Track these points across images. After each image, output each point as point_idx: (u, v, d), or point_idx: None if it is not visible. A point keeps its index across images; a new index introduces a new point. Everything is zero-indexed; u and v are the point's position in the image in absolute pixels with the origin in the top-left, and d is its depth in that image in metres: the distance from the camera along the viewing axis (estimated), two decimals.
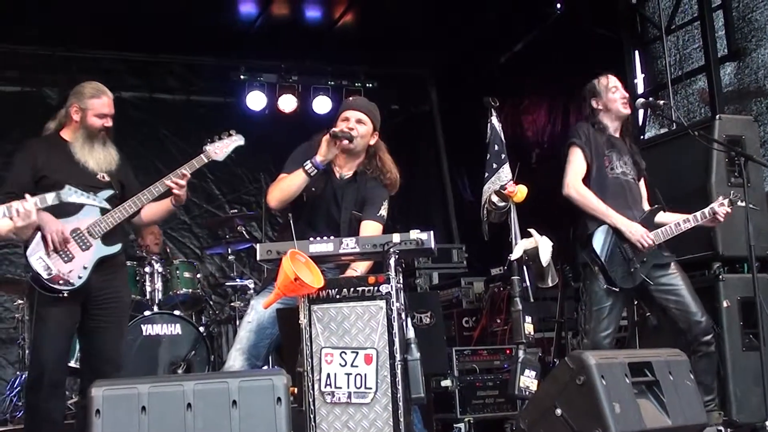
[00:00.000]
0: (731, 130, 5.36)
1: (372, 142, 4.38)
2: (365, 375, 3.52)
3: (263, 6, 8.11)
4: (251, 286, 6.93)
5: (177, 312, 6.56)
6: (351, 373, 3.54)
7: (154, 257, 6.83)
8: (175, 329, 6.39)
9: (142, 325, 6.29)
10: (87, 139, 4.43)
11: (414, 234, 3.65)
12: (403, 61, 9.23)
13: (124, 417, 3.26)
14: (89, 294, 4.33)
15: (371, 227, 4.25)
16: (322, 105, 9.03)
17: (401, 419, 3.48)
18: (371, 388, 3.52)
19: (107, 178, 4.44)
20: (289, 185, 4.23)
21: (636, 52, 7.50)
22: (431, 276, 7.56)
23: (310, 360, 3.57)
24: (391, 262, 3.59)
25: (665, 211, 4.89)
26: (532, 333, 4.57)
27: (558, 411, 3.76)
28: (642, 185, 4.98)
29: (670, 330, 4.78)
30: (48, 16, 7.51)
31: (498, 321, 6.46)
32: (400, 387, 3.49)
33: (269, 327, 4.16)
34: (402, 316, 3.58)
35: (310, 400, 3.54)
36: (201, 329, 6.54)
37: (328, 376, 3.55)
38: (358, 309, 3.58)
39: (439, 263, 7.58)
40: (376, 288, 3.58)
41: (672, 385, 3.99)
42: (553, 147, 8.03)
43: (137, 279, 6.65)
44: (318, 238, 3.82)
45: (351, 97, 6.52)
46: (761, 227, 5.10)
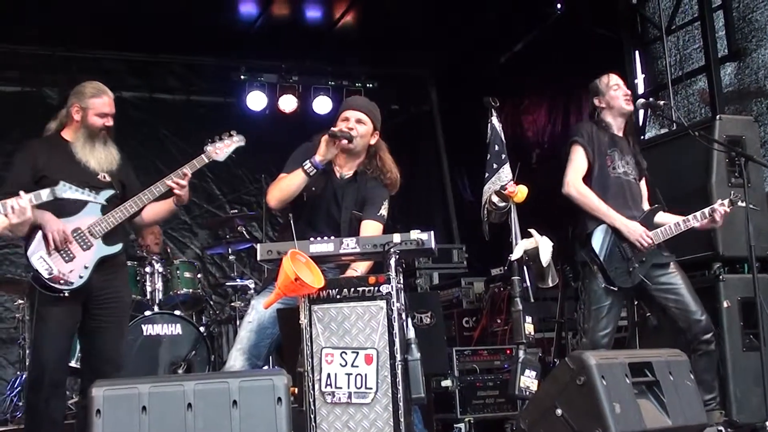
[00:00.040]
0: (731, 130, 5.36)
1: (372, 141, 4.37)
2: (365, 375, 3.52)
3: (264, 6, 8.11)
4: (252, 286, 6.93)
5: (177, 312, 6.56)
6: (351, 374, 3.53)
7: (154, 257, 6.83)
8: (176, 329, 6.39)
9: (142, 325, 6.29)
10: (88, 139, 4.43)
11: (414, 234, 3.65)
12: (404, 62, 9.23)
13: (124, 417, 3.27)
14: (90, 294, 4.33)
15: (371, 227, 4.24)
16: (322, 105, 9.03)
17: (401, 419, 3.47)
18: (372, 388, 3.52)
19: (108, 178, 4.44)
20: (289, 185, 4.23)
21: (636, 52, 7.49)
22: (431, 276, 7.57)
23: (310, 360, 3.57)
24: (392, 262, 3.59)
25: (665, 211, 4.89)
26: (532, 333, 4.57)
27: (558, 411, 3.76)
28: (643, 185, 4.98)
29: (669, 329, 4.78)
30: (48, 16, 7.50)
31: (498, 321, 6.46)
32: (400, 387, 3.49)
33: (270, 327, 4.16)
34: (402, 316, 3.58)
35: (310, 400, 3.54)
36: (201, 329, 6.53)
37: (328, 376, 3.55)
38: (358, 309, 3.58)
39: (440, 263, 7.59)
40: (376, 288, 3.58)
41: (672, 386, 3.98)
42: (554, 147, 8.04)
43: (138, 279, 6.65)
44: (318, 237, 3.82)
45: (351, 97, 6.52)
46: (761, 227, 5.10)
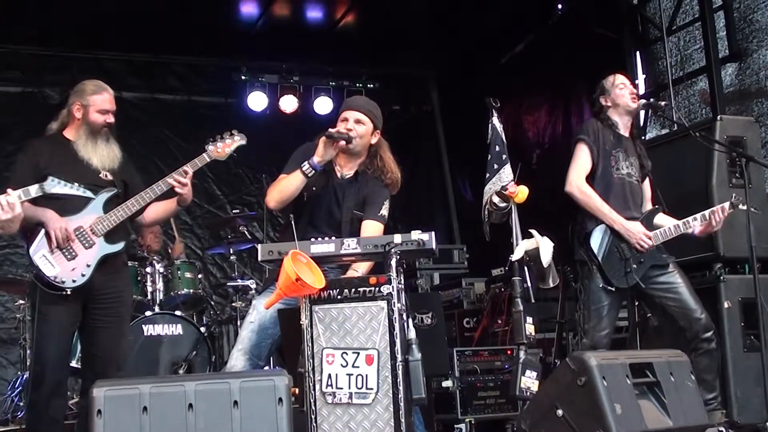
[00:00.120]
0: (732, 131, 5.36)
1: (373, 141, 4.37)
2: (366, 376, 3.52)
3: (264, 6, 8.11)
4: (252, 286, 6.92)
5: (178, 312, 6.55)
6: (352, 374, 3.54)
7: (155, 257, 6.84)
8: (177, 329, 6.39)
9: (143, 326, 6.28)
10: (90, 137, 4.43)
11: (415, 235, 3.65)
12: (404, 62, 9.23)
13: (125, 417, 3.27)
14: (91, 292, 4.32)
15: (372, 227, 4.24)
16: (323, 105, 9.04)
17: (402, 420, 3.48)
18: (372, 388, 3.52)
19: (110, 176, 4.44)
20: (287, 186, 4.23)
21: (637, 52, 7.48)
22: (432, 276, 7.58)
23: (311, 360, 3.57)
24: (393, 262, 3.59)
25: (664, 213, 4.89)
26: (533, 334, 4.56)
27: (559, 412, 3.77)
28: (646, 186, 4.99)
29: (670, 329, 4.78)
30: (48, 16, 7.51)
31: (499, 322, 6.46)
32: (401, 388, 3.49)
33: (271, 327, 4.16)
34: (403, 316, 3.58)
35: (311, 400, 3.54)
36: (202, 329, 6.53)
37: (329, 376, 3.55)
38: (359, 309, 3.58)
39: (440, 264, 7.60)
40: (377, 288, 3.58)
41: (673, 386, 3.99)
42: (554, 148, 8.05)
43: (138, 279, 6.64)
44: (319, 237, 3.83)
45: (350, 97, 6.51)
46: (762, 228, 5.09)
